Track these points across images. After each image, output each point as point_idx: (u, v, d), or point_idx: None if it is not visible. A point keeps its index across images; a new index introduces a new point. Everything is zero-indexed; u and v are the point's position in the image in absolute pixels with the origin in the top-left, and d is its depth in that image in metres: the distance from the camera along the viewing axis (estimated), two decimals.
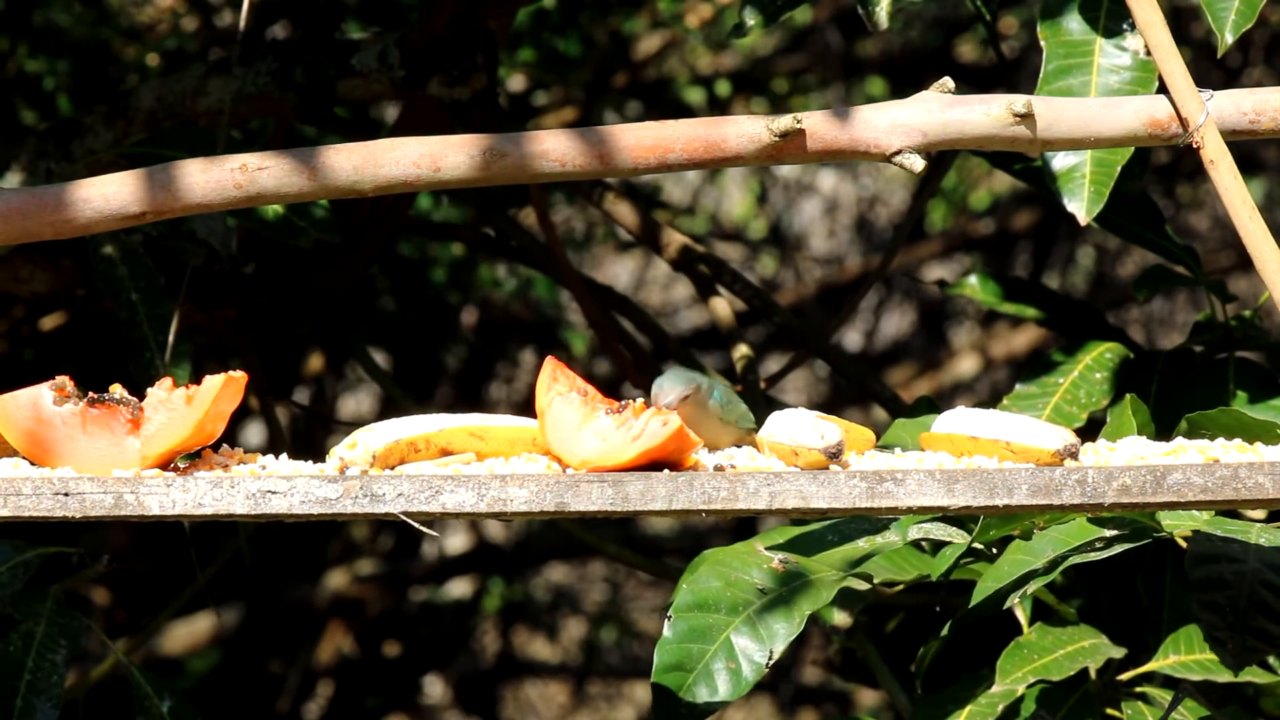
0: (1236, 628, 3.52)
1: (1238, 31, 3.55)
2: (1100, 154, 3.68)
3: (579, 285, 5.04)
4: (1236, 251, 7.94)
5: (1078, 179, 3.68)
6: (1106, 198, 3.67)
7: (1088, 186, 3.67)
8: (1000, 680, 3.55)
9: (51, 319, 5.85)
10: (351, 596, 8.39)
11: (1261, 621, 3.52)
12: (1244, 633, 3.52)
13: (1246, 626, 3.52)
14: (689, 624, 3.45)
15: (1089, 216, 3.66)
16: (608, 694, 9.91)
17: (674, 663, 3.43)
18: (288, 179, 3.07)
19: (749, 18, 4.00)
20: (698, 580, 3.49)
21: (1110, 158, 3.68)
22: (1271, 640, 3.52)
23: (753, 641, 3.44)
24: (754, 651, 3.44)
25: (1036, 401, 4.08)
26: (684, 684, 3.42)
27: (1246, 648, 3.52)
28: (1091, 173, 3.68)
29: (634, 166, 3.08)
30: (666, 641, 3.44)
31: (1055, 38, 3.73)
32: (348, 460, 2.87)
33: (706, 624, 3.45)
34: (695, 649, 3.44)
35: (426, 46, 4.50)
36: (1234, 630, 3.52)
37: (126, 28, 6.43)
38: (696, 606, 3.47)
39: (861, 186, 9.66)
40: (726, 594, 3.48)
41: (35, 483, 2.82)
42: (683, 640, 3.44)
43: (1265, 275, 3.07)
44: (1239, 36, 3.57)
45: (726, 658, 3.43)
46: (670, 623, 3.46)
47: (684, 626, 3.45)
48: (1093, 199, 3.68)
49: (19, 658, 3.82)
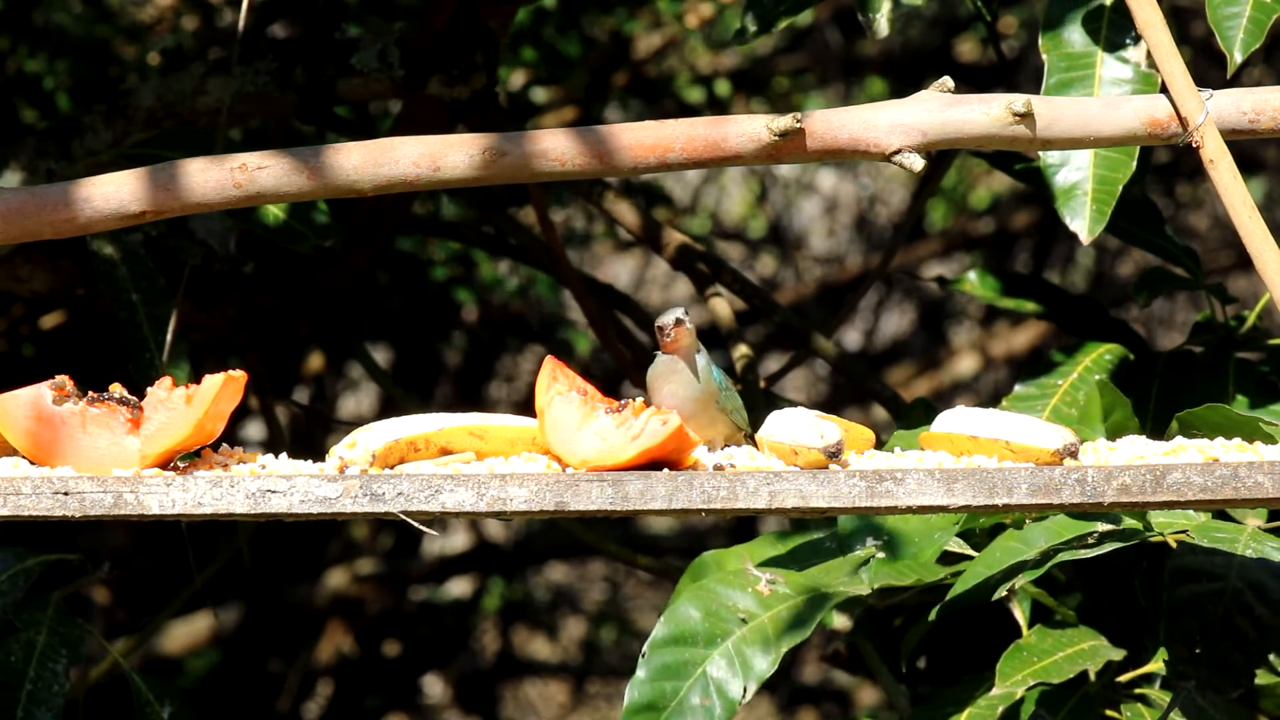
0: (1203, 660, 3.52)
1: (1247, 50, 3.56)
2: (1102, 171, 3.68)
3: (579, 284, 5.04)
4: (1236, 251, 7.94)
5: (1080, 196, 3.68)
6: (1109, 216, 3.67)
7: (1090, 205, 3.68)
8: (1000, 683, 3.55)
9: (51, 318, 5.85)
10: (351, 596, 8.39)
11: (1229, 652, 3.52)
12: (1211, 668, 3.52)
13: (1214, 659, 3.52)
14: (664, 660, 3.43)
15: (1091, 235, 3.66)
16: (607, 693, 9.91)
17: (646, 702, 3.40)
18: (287, 178, 3.07)
19: (751, 24, 4.02)
20: (677, 611, 3.47)
21: (1112, 174, 3.68)
22: (1236, 676, 3.52)
23: (729, 675, 3.42)
24: (730, 686, 3.42)
25: (1035, 403, 4.08)
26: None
27: (1210, 685, 3.52)
28: (1094, 190, 3.68)
29: (634, 166, 3.08)
30: (639, 681, 3.41)
31: (1057, 50, 3.73)
32: (347, 459, 2.87)
33: (682, 660, 3.43)
34: (669, 686, 3.42)
35: (426, 46, 4.50)
36: (1200, 664, 3.52)
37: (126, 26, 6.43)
38: (673, 641, 3.45)
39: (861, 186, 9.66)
40: (705, 626, 3.45)
41: (35, 482, 2.82)
42: (656, 679, 3.42)
43: (1265, 275, 3.07)
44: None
45: (702, 694, 3.41)
46: (644, 659, 3.43)
47: (658, 662, 3.43)
48: (1095, 217, 3.68)
49: (20, 667, 3.82)
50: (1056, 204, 3.68)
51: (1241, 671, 3.52)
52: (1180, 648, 3.53)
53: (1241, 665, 3.51)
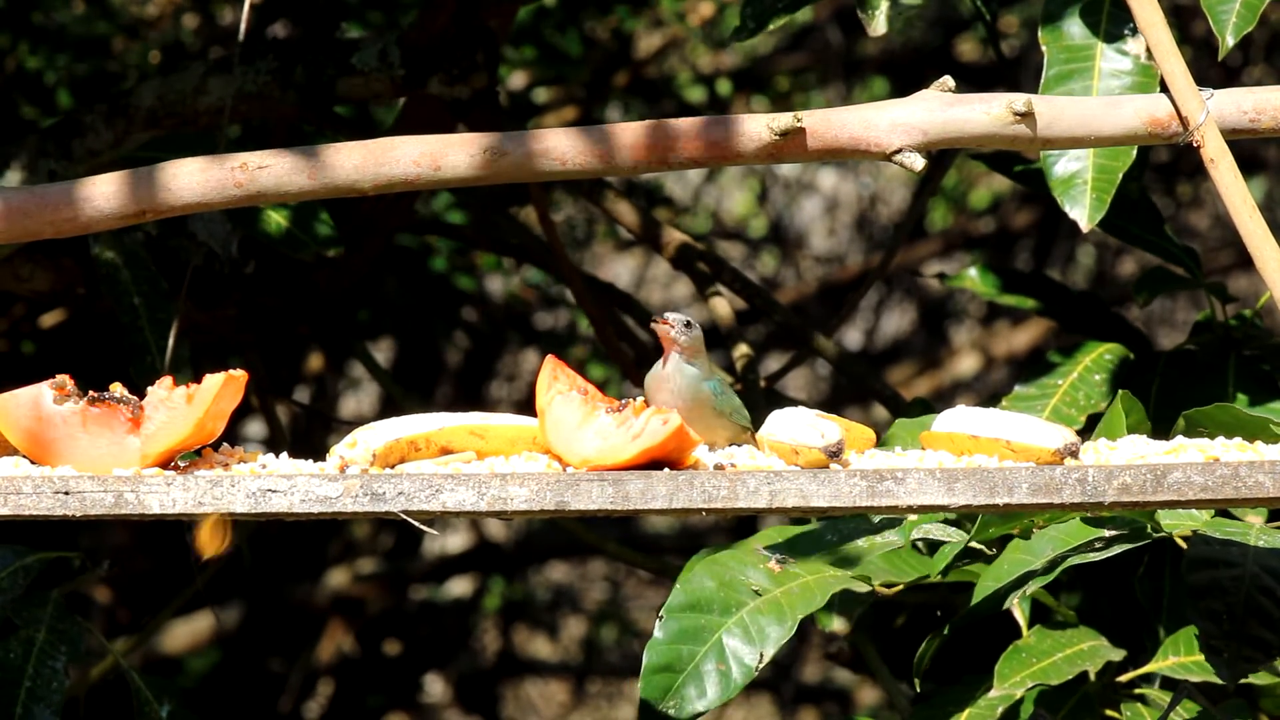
0: (1233, 636, 3.52)
1: (1239, 34, 3.56)
2: (1102, 160, 3.68)
3: (579, 283, 5.04)
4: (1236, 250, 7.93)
5: (1079, 185, 3.68)
6: (1108, 205, 3.67)
7: (1089, 193, 3.67)
8: (999, 685, 3.55)
9: (51, 317, 5.85)
10: (352, 595, 8.38)
11: (1257, 629, 3.52)
12: (1240, 641, 3.52)
13: (1243, 635, 3.52)
14: (680, 624, 3.45)
15: (1091, 223, 3.66)
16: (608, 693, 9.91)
17: (663, 664, 3.42)
18: (288, 178, 3.07)
19: (751, 21, 4.02)
20: (692, 580, 3.49)
21: (1112, 163, 3.68)
22: (1267, 648, 3.52)
23: (744, 644, 3.44)
24: (745, 654, 3.44)
25: (1035, 404, 4.08)
26: (673, 685, 3.41)
27: (1242, 657, 3.52)
28: (1094, 179, 3.68)
29: (634, 165, 3.08)
30: (657, 642, 3.44)
31: (1056, 43, 3.73)
32: (348, 459, 2.87)
33: (698, 625, 3.45)
34: (685, 650, 3.43)
35: (427, 46, 4.50)
36: (1230, 639, 3.52)
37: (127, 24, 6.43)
38: (689, 607, 3.47)
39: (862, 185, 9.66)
40: (720, 595, 3.47)
41: (35, 481, 2.82)
42: (673, 641, 3.44)
43: (1265, 274, 3.07)
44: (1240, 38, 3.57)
45: (717, 659, 3.43)
46: (661, 623, 3.45)
47: (675, 627, 3.45)
48: (1095, 205, 3.68)
49: (19, 664, 3.82)
50: (1056, 193, 3.68)
51: (1273, 645, 3.52)
52: (1209, 625, 3.52)
53: (1272, 640, 3.52)
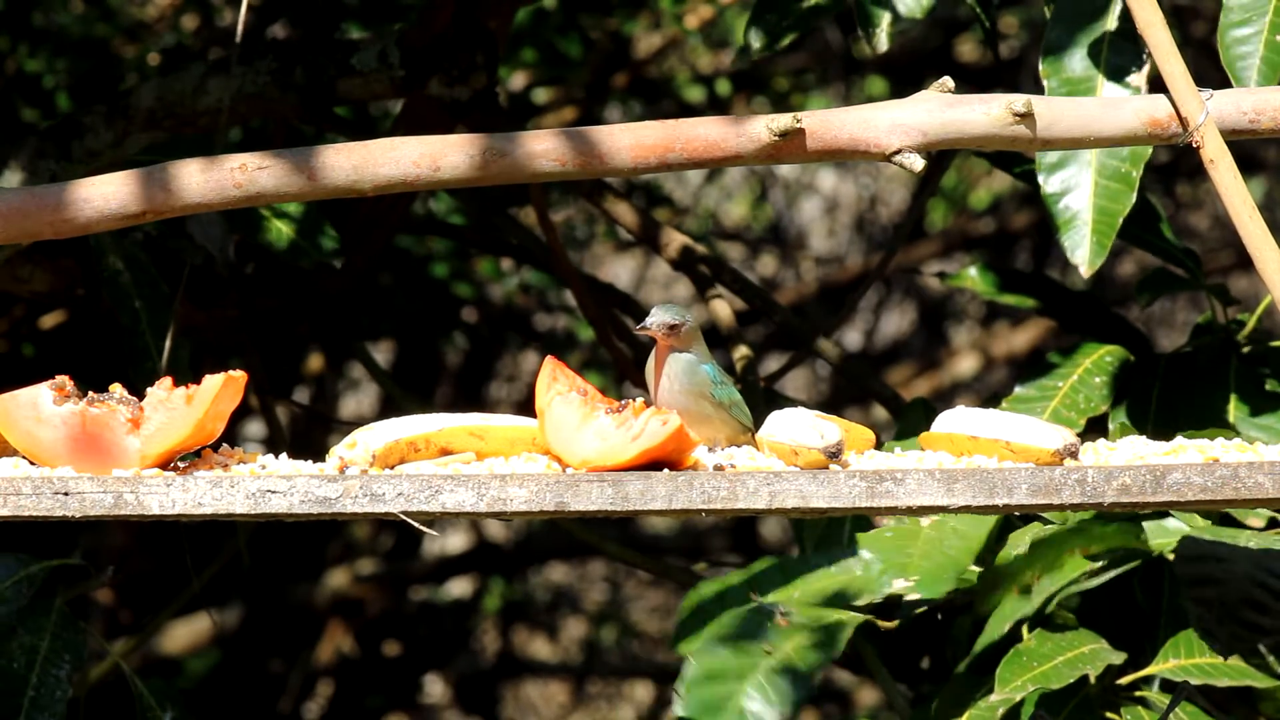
0: (1225, 619, 3.53)
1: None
2: (1103, 202, 3.69)
3: (579, 284, 5.04)
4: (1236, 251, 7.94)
5: (1080, 226, 3.69)
6: (1108, 250, 3.68)
7: (1090, 237, 3.69)
8: (1000, 689, 3.56)
9: (51, 318, 5.85)
10: (351, 596, 8.38)
11: (1250, 614, 3.53)
12: (1233, 623, 3.53)
13: (1236, 617, 3.53)
14: (700, 697, 3.51)
15: (1091, 269, 3.68)
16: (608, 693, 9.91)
17: None
18: (287, 179, 3.07)
19: (754, 40, 4.04)
20: (703, 652, 3.55)
21: (1113, 206, 3.69)
22: (1260, 630, 3.53)
23: (764, 705, 3.50)
24: (767, 714, 3.50)
25: (1035, 406, 4.08)
26: None
27: (1235, 636, 3.53)
28: (1094, 222, 3.69)
29: (634, 166, 3.08)
30: None
31: (1056, 75, 3.73)
32: (347, 460, 2.87)
33: (718, 695, 3.51)
34: None
35: (426, 46, 4.50)
36: (1223, 621, 3.53)
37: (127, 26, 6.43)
38: (706, 679, 3.52)
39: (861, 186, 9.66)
40: (734, 662, 3.53)
41: (35, 482, 2.82)
42: (697, 715, 3.51)
43: (1265, 275, 3.07)
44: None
45: None
46: (682, 699, 3.50)
47: (696, 701, 3.51)
48: (1095, 251, 3.69)
49: (22, 673, 3.82)
50: (1059, 234, 3.70)
51: (1267, 630, 3.53)
52: (1203, 610, 3.54)
53: (1267, 625, 3.53)
